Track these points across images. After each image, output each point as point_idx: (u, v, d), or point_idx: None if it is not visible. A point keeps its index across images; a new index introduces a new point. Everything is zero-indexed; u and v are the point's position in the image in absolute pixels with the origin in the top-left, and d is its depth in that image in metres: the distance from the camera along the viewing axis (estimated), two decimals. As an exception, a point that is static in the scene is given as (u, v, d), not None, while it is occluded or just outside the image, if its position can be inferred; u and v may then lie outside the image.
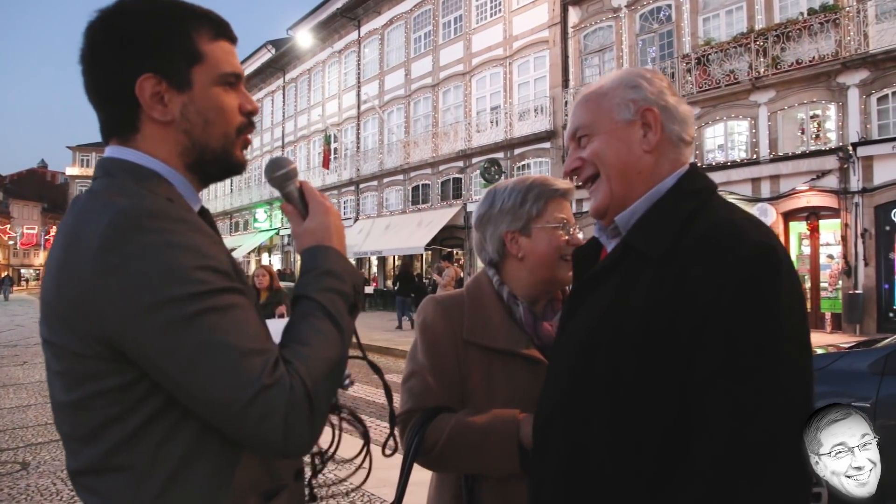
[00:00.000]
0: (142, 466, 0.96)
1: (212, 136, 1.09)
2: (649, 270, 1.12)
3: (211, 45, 1.08)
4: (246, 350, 0.93)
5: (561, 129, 20.76)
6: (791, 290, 1.05)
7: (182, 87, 1.06)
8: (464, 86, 25.03)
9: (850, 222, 14.51)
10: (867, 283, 14.28)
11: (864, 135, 14.26)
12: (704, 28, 17.50)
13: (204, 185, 1.17)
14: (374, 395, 9.15)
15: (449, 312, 1.65)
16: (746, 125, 16.25)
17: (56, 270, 0.97)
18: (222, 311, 0.94)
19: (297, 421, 0.94)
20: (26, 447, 6.17)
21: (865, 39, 14.10)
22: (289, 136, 37.84)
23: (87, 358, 0.95)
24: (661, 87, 1.25)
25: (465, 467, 1.58)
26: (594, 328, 1.18)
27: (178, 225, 0.96)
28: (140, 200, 0.97)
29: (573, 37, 20.96)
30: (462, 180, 24.80)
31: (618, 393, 1.11)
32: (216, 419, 0.95)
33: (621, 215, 1.24)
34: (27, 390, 9.46)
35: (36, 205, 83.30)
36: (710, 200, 1.18)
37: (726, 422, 0.99)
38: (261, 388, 0.91)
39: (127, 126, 1.07)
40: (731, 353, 1.01)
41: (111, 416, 0.96)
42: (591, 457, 1.14)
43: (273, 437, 0.93)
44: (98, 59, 1.05)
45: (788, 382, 1.01)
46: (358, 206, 30.95)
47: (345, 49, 32.47)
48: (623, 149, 1.23)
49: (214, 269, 0.96)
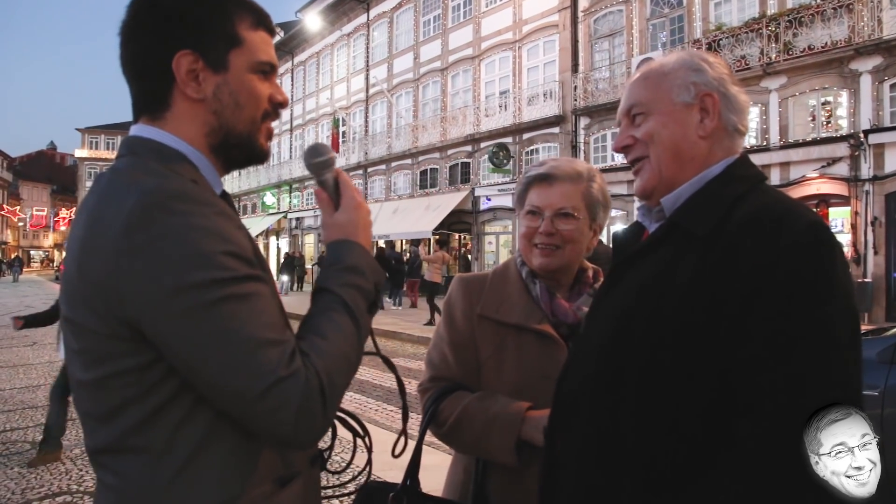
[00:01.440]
0: (159, 448, 0.97)
1: (240, 119, 1.10)
2: (695, 249, 1.10)
3: (250, 32, 1.10)
4: (264, 340, 0.93)
5: (570, 113, 20.66)
6: (844, 271, 1.03)
7: (217, 68, 1.07)
8: (473, 70, 24.89)
9: (860, 210, 14.41)
10: (876, 272, 14.21)
11: (875, 122, 14.12)
12: (716, 13, 17.32)
13: (226, 171, 1.17)
14: (381, 379, 9.20)
15: (470, 290, 1.73)
16: (757, 111, 16.10)
17: (79, 249, 0.97)
18: (242, 300, 0.94)
19: (309, 414, 0.94)
20: (36, 427, 6.23)
21: (879, 25, 13.91)
22: (297, 120, 37.78)
23: (106, 337, 0.96)
24: (723, 74, 1.23)
25: (468, 450, 1.64)
26: (632, 305, 1.16)
27: (204, 208, 0.95)
28: (166, 181, 0.97)
29: (583, 21, 20.78)
30: (470, 165, 24.73)
31: (653, 371, 1.09)
32: (229, 407, 0.95)
33: (667, 198, 1.22)
34: (37, 370, 9.55)
35: (45, 186, 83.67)
36: (759, 186, 1.16)
37: (775, 403, 0.97)
38: (276, 379, 0.92)
39: (159, 102, 1.07)
40: (782, 333, 0.98)
41: (129, 397, 0.96)
42: (619, 435, 1.11)
43: (284, 429, 0.94)
44: (139, 32, 1.06)
45: (839, 365, 0.99)
46: (366, 189, 30.93)
47: (354, 32, 32.31)
48: (678, 131, 1.21)
49: (237, 256, 0.96)
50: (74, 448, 5.51)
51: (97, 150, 74.76)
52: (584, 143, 20.47)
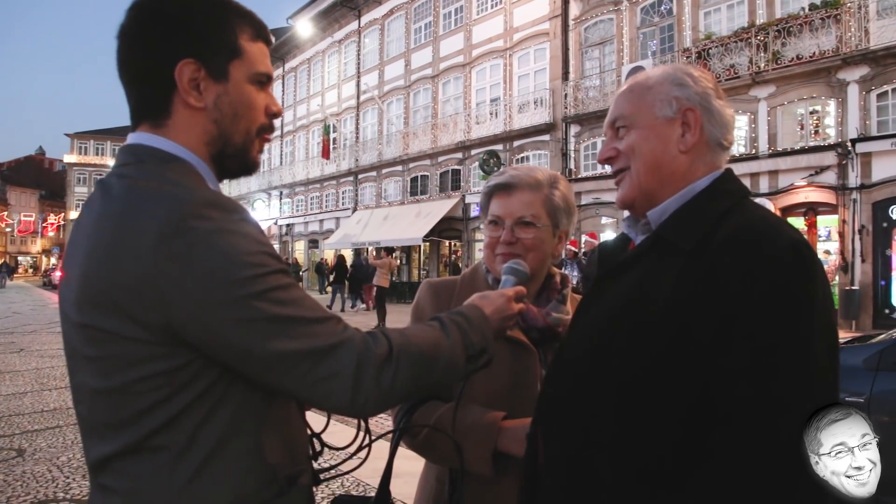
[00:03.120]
0: (179, 447, 0.98)
1: (237, 129, 1.13)
2: (678, 262, 1.11)
3: (250, 43, 1.12)
4: (314, 317, 1.01)
5: (560, 121, 20.75)
6: (823, 289, 1.05)
7: (219, 78, 1.09)
8: (464, 77, 24.97)
9: (847, 218, 14.54)
10: (864, 280, 14.32)
11: (863, 131, 14.26)
12: (705, 22, 17.47)
13: (221, 179, 1.18)
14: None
15: (439, 295, 1.70)
16: (746, 120, 16.24)
17: (106, 256, 0.97)
18: (285, 288, 1.00)
19: (367, 377, 1.01)
20: (22, 434, 6.17)
21: (866, 35, 14.08)
22: (288, 126, 37.74)
23: (137, 342, 0.96)
24: (707, 88, 1.24)
25: (443, 462, 1.61)
26: (615, 316, 1.17)
27: (232, 214, 1.00)
28: (194, 191, 1.01)
29: (574, 29, 20.91)
30: (461, 172, 24.78)
31: (633, 383, 1.10)
32: (288, 380, 0.99)
33: (653, 211, 1.24)
34: (23, 377, 9.46)
35: (34, 192, 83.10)
36: (743, 202, 1.18)
37: (752, 416, 0.98)
38: (336, 341, 1.00)
39: (159, 109, 1.08)
40: (761, 349, 1.00)
41: (157, 399, 0.98)
42: (601, 444, 1.13)
43: (342, 391, 1.00)
44: (141, 38, 1.07)
45: (817, 381, 1.01)
46: (356, 196, 30.93)
47: (345, 39, 32.38)
48: (659, 146, 1.22)
49: (270, 254, 1.02)
50: (61, 456, 5.46)
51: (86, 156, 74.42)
52: (575, 151, 20.56)
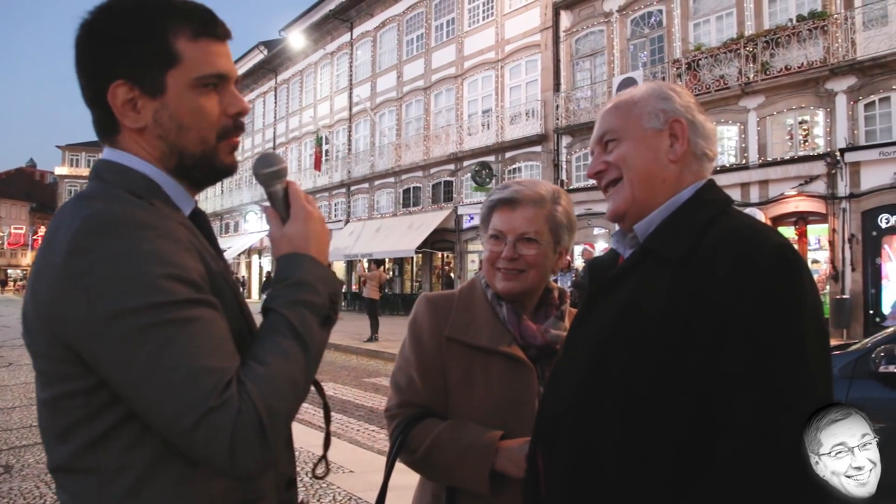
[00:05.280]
0: (108, 470, 0.96)
1: (189, 140, 1.07)
2: (668, 273, 1.14)
3: (190, 45, 1.04)
4: (198, 368, 0.90)
5: (552, 132, 20.83)
6: (811, 291, 1.07)
7: (154, 93, 1.03)
8: (455, 89, 25.05)
9: (837, 227, 14.62)
10: (854, 288, 14.39)
11: (851, 140, 14.37)
12: (695, 33, 17.59)
13: (197, 188, 1.15)
14: (362, 399, 9.14)
15: (437, 310, 1.68)
16: (736, 130, 16.34)
17: (34, 273, 0.98)
18: (180, 325, 0.91)
19: (245, 444, 0.91)
20: (10, 450, 6.10)
21: (853, 46, 14.22)
22: (280, 138, 37.74)
23: (54, 360, 0.96)
24: (689, 102, 1.29)
25: (440, 480, 1.60)
26: (610, 331, 1.18)
27: (146, 231, 0.94)
28: (111, 205, 0.96)
29: (565, 41, 21.03)
30: (453, 183, 24.81)
31: (632, 395, 1.11)
32: (166, 435, 0.94)
33: (639, 224, 1.26)
34: (11, 392, 9.35)
35: (24, 204, 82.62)
36: (727, 210, 1.21)
37: (751, 422, 1.00)
38: (206, 410, 0.89)
39: (110, 129, 1.07)
40: (755, 354, 1.02)
41: (79, 418, 0.97)
42: (601, 461, 1.13)
43: (220, 460, 0.91)
44: (80, 62, 1.05)
45: (812, 383, 1.03)
46: (349, 208, 30.91)
47: (337, 51, 32.45)
48: (650, 156, 1.25)
49: (180, 279, 0.93)
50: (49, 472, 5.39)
51: (77, 168, 74.15)
52: (566, 162, 20.62)
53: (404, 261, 27.19)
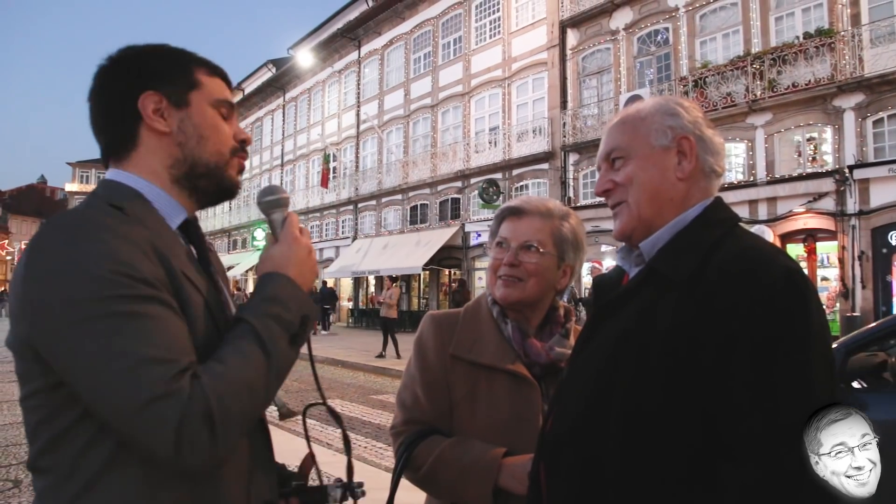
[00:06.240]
0: (63, 471, 1.00)
1: (205, 150, 1.18)
2: (673, 295, 1.11)
3: (208, 78, 1.21)
4: (147, 357, 0.92)
5: (559, 150, 20.87)
6: (819, 315, 1.05)
7: (180, 105, 1.16)
8: (463, 106, 25.17)
9: (847, 245, 14.54)
10: (865, 306, 14.28)
11: (860, 157, 14.34)
12: (701, 51, 17.65)
13: (199, 204, 1.21)
14: (370, 416, 9.11)
15: (441, 328, 1.69)
16: (743, 147, 16.33)
17: (13, 279, 1.05)
18: (129, 317, 0.94)
19: (191, 435, 0.92)
20: (19, 464, 6.10)
21: (861, 63, 14.23)
22: (288, 155, 37.96)
23: (22, 359, 1.03)
24: (697, 118, 1.26)
25: (444, 497, 1.61)
26: (614, 352, 1.16)
27: (104, 233, 0.98)
28: (83, 212, 1.04)
29: (571, 59, 21.13)
30: (460, 200, 24.85)
31: (635, 415, 1.09)
32: (111, 424, 0.95)
33: (645, 242, 1.24)
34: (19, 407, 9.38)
35: (35, 220, 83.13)
36: (734, 230, 1.18)
37: (757, 449, 0.98)
38: (153, 396, 0.91)
39: (127, 143, 1.15)
40: (761, 380, 1.00)
41: (42, 418, 1.02)
42: (604, 479, 1.12)
43: (163, 448, 0.92)
44: (107, 86, 1.16)
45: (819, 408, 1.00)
46: (356, 225, 30.98)
47: (345, 69, 32.70)
48: (657, 175, 1.23)
49: (131, 276, 0.96)
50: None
51: (87, 184, 74.62)
52: (574, 179, 20.64)
53: (411, 278, 27.18)
